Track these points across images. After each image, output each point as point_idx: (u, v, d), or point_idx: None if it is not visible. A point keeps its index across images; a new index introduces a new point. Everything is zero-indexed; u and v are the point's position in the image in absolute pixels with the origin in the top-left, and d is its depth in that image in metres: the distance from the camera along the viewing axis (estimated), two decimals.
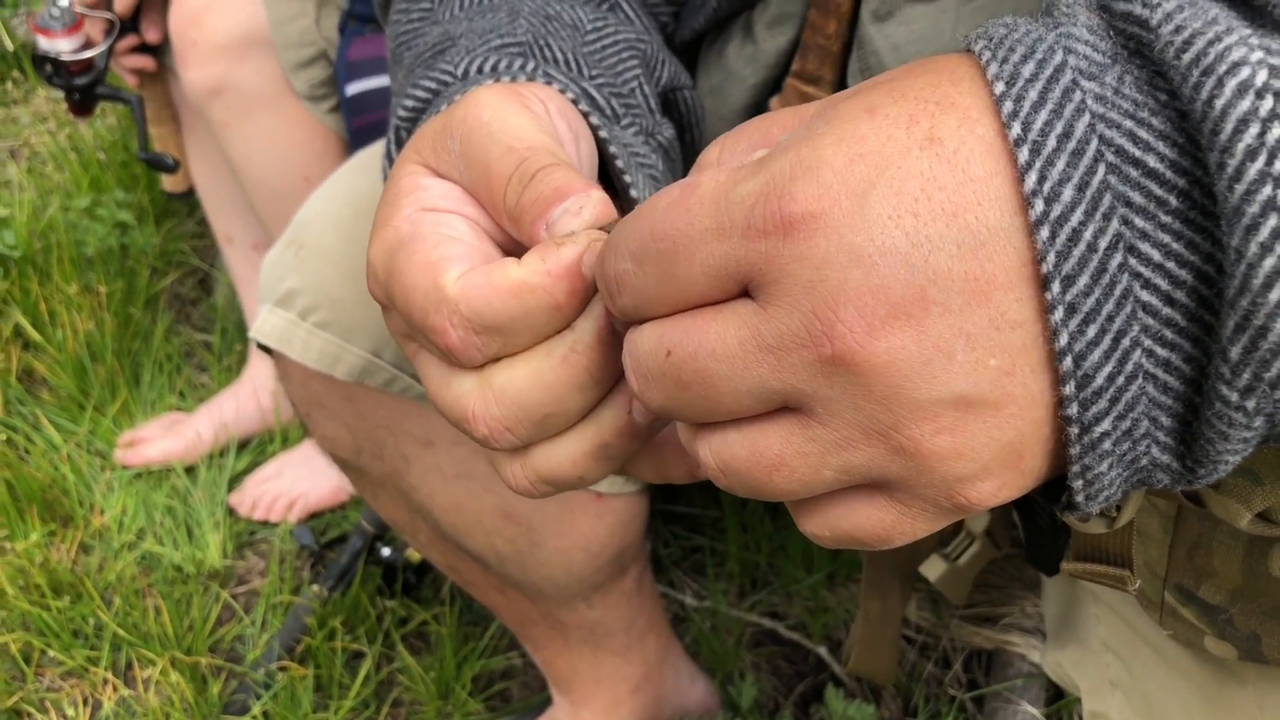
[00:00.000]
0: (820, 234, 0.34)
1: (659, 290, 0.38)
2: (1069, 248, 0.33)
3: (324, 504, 1.61)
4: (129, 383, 1.76)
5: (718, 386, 0.37)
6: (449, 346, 0.45)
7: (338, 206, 0.87)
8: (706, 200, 0.36)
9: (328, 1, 1.42)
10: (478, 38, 0.63)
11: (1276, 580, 0.58)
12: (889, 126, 0.35)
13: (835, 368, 0.35)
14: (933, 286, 0.34)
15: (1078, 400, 0.34)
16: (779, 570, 1.49)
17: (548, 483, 0.48)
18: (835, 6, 0.72)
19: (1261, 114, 0.31)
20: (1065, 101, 0.34)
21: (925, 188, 0.34)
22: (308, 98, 1.44)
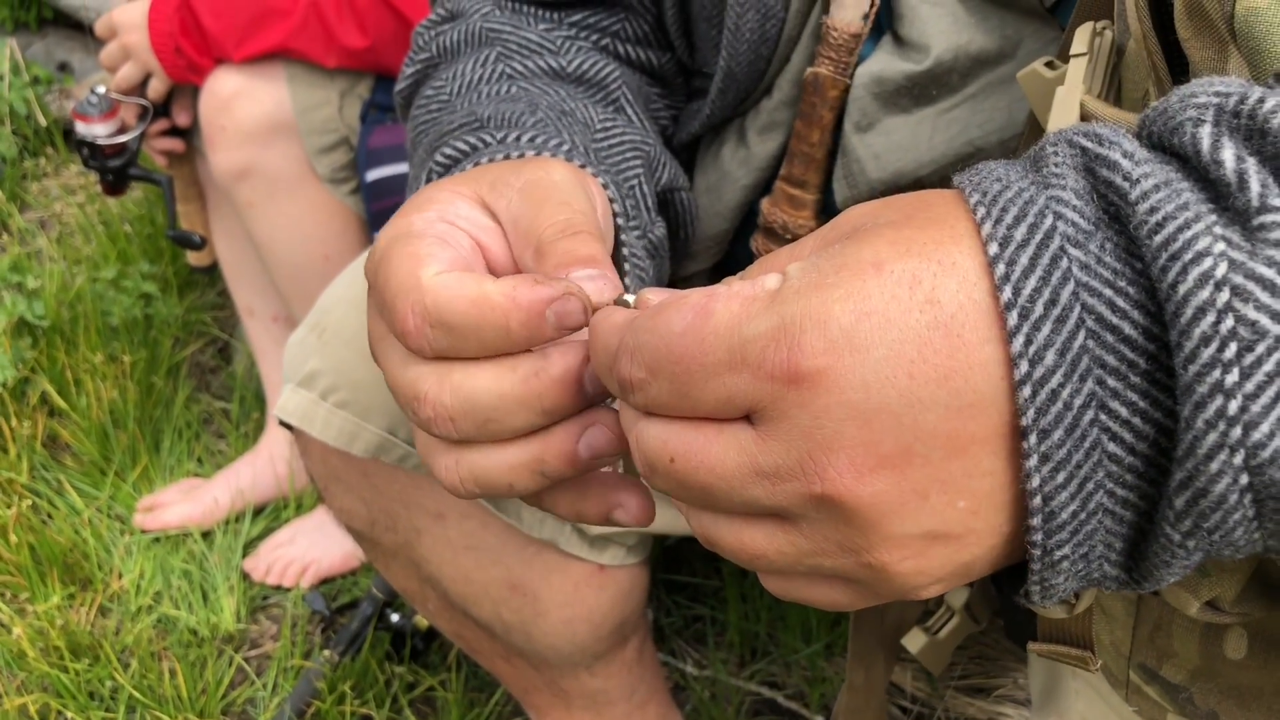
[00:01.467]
0: (823, 387, 0.38)
1: (669, 401, 0.42)
2: (1048, 405, 0.37)
3: (335, 570, 1.66)
4: (150, 449, 1.82)
5: (715, 496, 0.41)
6: (404, 330, 0.49)
7: (358, 293, 0.93)
8: (721, 332, 0.40)
9: (350, 91, 1.49)
10: (508, 119, 0.70)
11: (1231, 662, 0.62)
12: (893, 286, 0.38)
13: (821, 502, 0.39)
14: (918, 443, 0.38)
15: (1042, 531, 0.39)
16: (778, 640, 1.53)
17: (477, 483, 0.51)
18: (818, 118, 0.78)
19: (1218, 305, 0.35)
20: (1053, 268, 0.37)
21: (922, 351, 0.37)
22: (329, 180, 1.51)
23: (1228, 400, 0.35)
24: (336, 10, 1.42)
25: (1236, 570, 0.52)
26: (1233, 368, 0.35)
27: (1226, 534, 0.37)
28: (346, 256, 1.54)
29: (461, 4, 0.86)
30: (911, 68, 0.74)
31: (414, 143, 0.80)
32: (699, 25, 0.83)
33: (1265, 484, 0.35)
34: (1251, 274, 0.35)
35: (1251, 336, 0.35)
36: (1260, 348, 0.35)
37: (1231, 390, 0.35)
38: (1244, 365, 0.35)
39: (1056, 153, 0.40)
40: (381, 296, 0.52)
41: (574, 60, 0.81)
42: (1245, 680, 0.62)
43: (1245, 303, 0.35)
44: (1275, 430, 0.35)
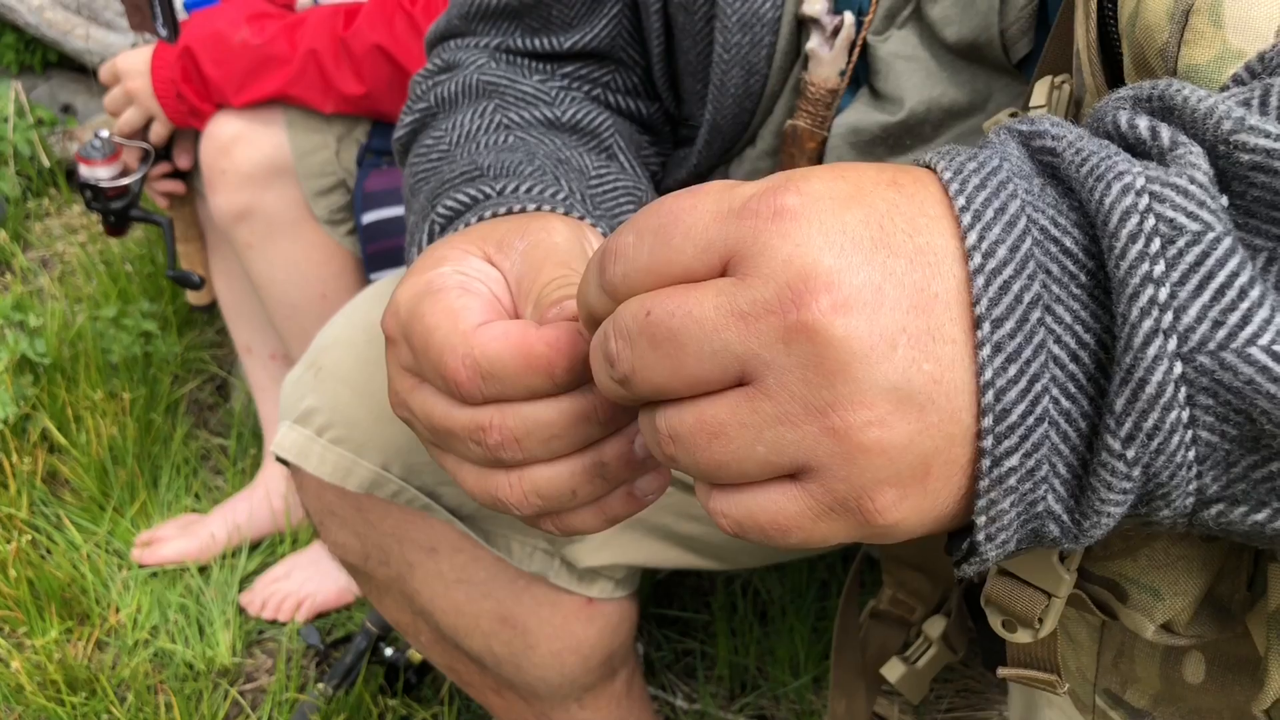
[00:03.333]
0: (803, 220, 0.40)
1: (650, 259, 0.43)
2: (1000, 296, 0.40)
3: (330, 605, 1.68)
4: (148, 485, 1.84)
5: (685, 346, 0.41)
6: (456, 382, 0.53)
7: (353, 333, 0.96)
8: (712, 191, 0.42)
9: (347, 136, 1.53)
10: (507, 169, 0.73)
11: (1191, 686, 0.64)
12: (863, 170, 0.42)
13: (796, 335, 0.39)
14: (888, 284, 0.40)
15: (994, 433, 0.40)
16: (767, 674, 1.54)
17: (540, 495, 0.54)
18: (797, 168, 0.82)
19: (1140, 208, 0.39)
20: (1001, 189, 0.41)
21: (890, 210, 0.41)
22: (326, 222, 1.54)
23: (1158, 288, 0.38)
24: (334, 58, 1.46)
25: (1188, 592, 0.54)
26: (1159, 259, 0.38)
27: (1164, 441, 0.39)
28: (343, 296, 1.57)
29: (457, 56, 0.90)
30: (886, 119, 0.78)
31: (413, 189, 0.83)
32: (685, 79, 0.87)
33: (1196, 371, 0.38)
34: (1166, 182, 0.39)
35: (1171, 231, 0.39)
36: (1180, 241, 0.38)
37: (1160, 279, 0.38)
38: (1168, 257, 0.38)
39: (997, 134, 0.44)
40: (422, 352, 0.55)
41: (568, 110, 0.85)
42: (1205, 704, 0.64)
43: (1163, 204, 0.39)
44: (1202, 315, 0.38)
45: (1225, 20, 0.45)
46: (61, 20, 2.52)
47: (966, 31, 0.74)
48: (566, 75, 0.90)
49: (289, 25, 1.47)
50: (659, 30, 0.85)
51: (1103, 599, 0.57)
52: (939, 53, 0.77)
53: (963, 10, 0.74)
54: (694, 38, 0.83)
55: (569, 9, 0.88)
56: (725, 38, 0.79)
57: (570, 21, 0.88)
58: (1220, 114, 0.39)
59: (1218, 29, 0.45)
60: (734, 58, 0.80)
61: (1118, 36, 0.51)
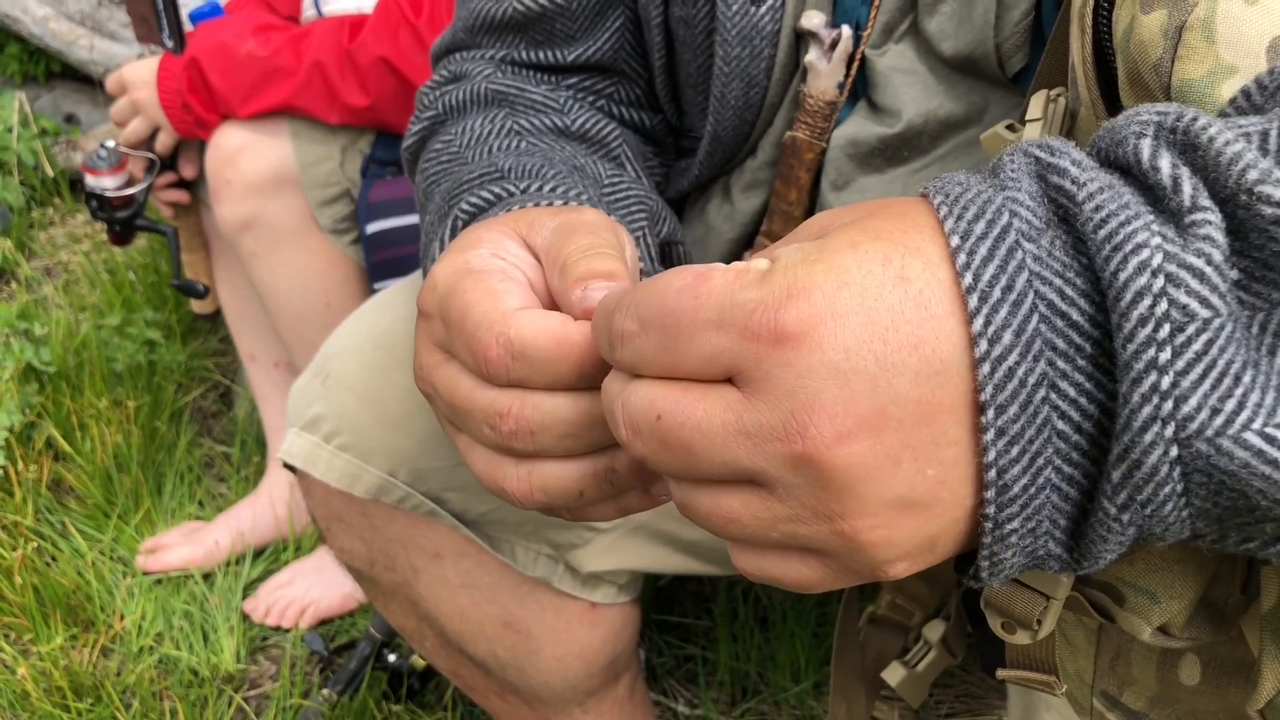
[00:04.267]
0: (806, 348, 0.40)
1: (656, 356, 0.44)
2: (1005, 382, 0.40)
3: (334, 611, 1.69)
4: (152, 492, 1.85)
5: (697, 455, 0.43)
6: (486, 359, 0.53)
7: (360, 341, 0.97)
8: (715, 294, 0.42)
9: (351, 146, 1.55)
10: (528, 171, 0.75)
11: (1186, 688, 0.65)
12: (868, 262, 0.41)
13: (802, 462, 0.41)
14: (892, 406, 0.40)
15: (995, 504, 0.42)
16: (768, 679, 1.55)
17: (546, 492, 0.54)
18: (796, 179, 0.83)
19: (1154, 290, 0.39)
20: (1009, 259, 0.41)
21: (895, 320, 0.40)
22: (331, 231, 1.56)
23: (1161, 376, 0.39)
24: (339, 70, 1.47)
25: (1184, 596, 0.56)
26: (1165, 346, 0.39)
27: (1157, 508, 0.41)
28: (347, 304, 1.58)
29: (464, 67, 0.91)
30: (884, 131, 0.79)
31: (426, 192, 0.84)
32: (686, 92, 0.88)
33: (1192, 455, 0.39)
34: (1183, 263, 0.39)
35: (1183, 319, 0.39)
36: (1190, 329, 0.39)
37: (1164, 367, 0.39)
38: (1175, 344, 0.39)
39: (1013, 161, 0.44)
40: (460, 328, 0.55)
41: (577, 119, 0.86)
42: (1200, 705, 0.66)
43: (1178, 288, 0.39)
44: (1201, 404, 0.39)
45: (1218, 36, 0.46)
46: (66, 31, 2.54)
47: (963, 46, 0.75)
48: (570, 87, 0.91)
49: (295, 37, 1.49)
50: (660, 44, 0.87)
51: (1100, 602, 0.58)
52: (936, 66, 0.78)
53: (959, 25, 0.75)
54: (694, 51, 0.85)
55: (572, 22, 0.89)
56: (725, 50, 0.81)
57: (574, 35, 0.90)
58: (1246, 163, 0.39)
59: (1210, 45, 0.47)
60: (734, 70, 0.82)
61: (1112, 52, 0.52)
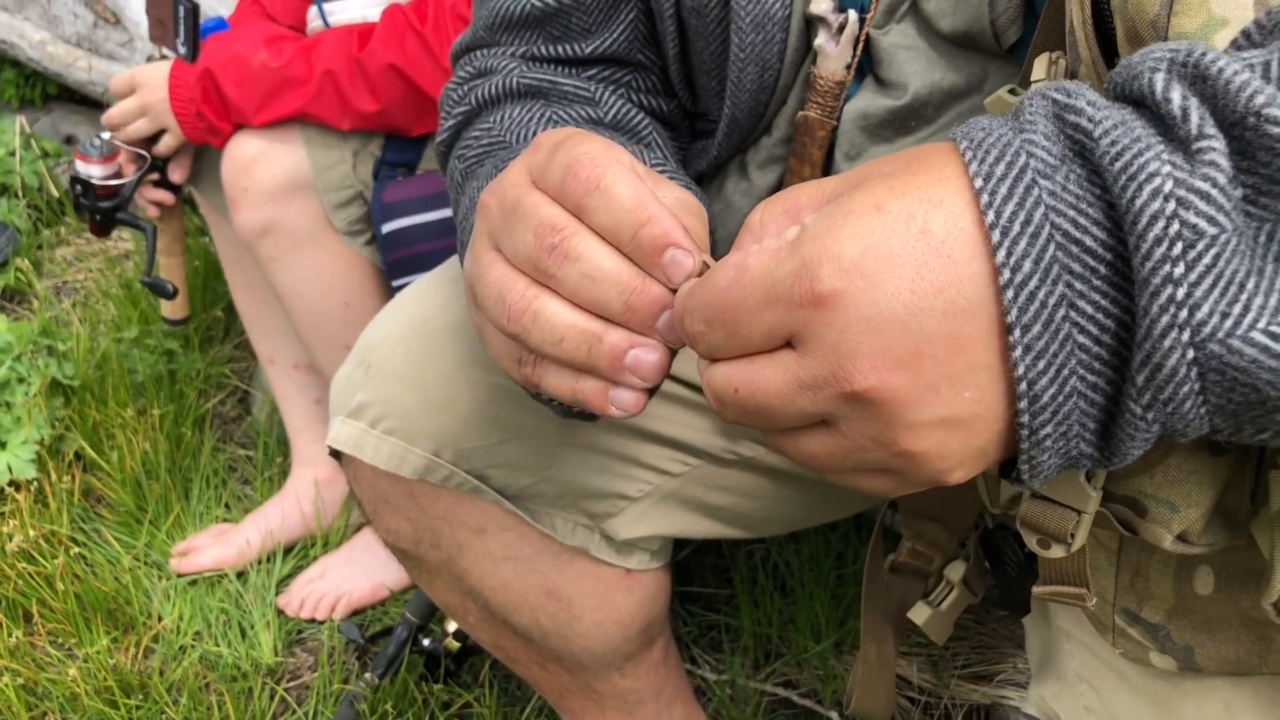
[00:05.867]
0: (841, 307, 0.47)
1: (727, 344, 0.52)
2: (1028, 305, 0.46)
3: (365, 601, 1.74)
4: (180, 497, 1.90)
5: (774, 412, 0.51)
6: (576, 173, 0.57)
7: (401, 329, 1.02)
8: (756, 280, 0.49)
9: (363, 150, 1.60)
10: None
11: (1201, 598, 0.71)
12: (892, 222, 0.47)
13: (855, 400, 0.48)
14: (925, 344, 0.47)
15: (1029, 412, 0.48)
16: (789, 642, 1.61)
17: (535, 320, 0.59)
18: (809, 156, 0.89)
19: (1166, 213, 0.44)
20: (1027, 196, 0.46)
21: (919, 270, 0.46)
22: (346, 233, 1.61)
23: (1176, 288, 0.44)
24: (350, 78, 1.52)
25: (1200, 504, 0.61)
26: (1179, 262, 0.44)
27: (1178, 406, 0.47)
28: (365, 303, 1.63)
29: (489, 63, 0.96)
30: (892, 103, 0.85)
31: (465, 173, 0.87)
32: (700, 78, 0.93)
33: (1207, 356, 0.45)
34: (1191, 187, 0.44)
35: (1193, 236, 0.44)
36: (1200, 245, 0.44)
37: (1179, 280, 0.44)
38: (1188, 259, 0.44)
39: (1031, 104, 0.50)
40: (564, 148, 0.59)
41: (610, 109, 0.91)
42: (1214, 613, 0.71)
43: (1187, 210, 0.44)
44: (1213, 310, 0.44)
45: None
46: (64, 54, 2.58)
47: (960, 23, 0.80)
48: (589, 79, 0.96)
49: (305, 48, 1.54)
50: (673, 33, 0.92)
51: (1124, 516, 0.64)
52: (936, 42, 0.83)
53: (955, 3, 0.81)
54: (707, 39, 0.90)
55: (588, 16, 0.94)
56: (740, 38, 0.86)
57: (590, 28, 0.94)
58: (1254, 89, 0.44)
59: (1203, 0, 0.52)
60: (749, 56, 0.87)
61: (1110, 13, 0.58)
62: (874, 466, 0.51)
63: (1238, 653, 0.72)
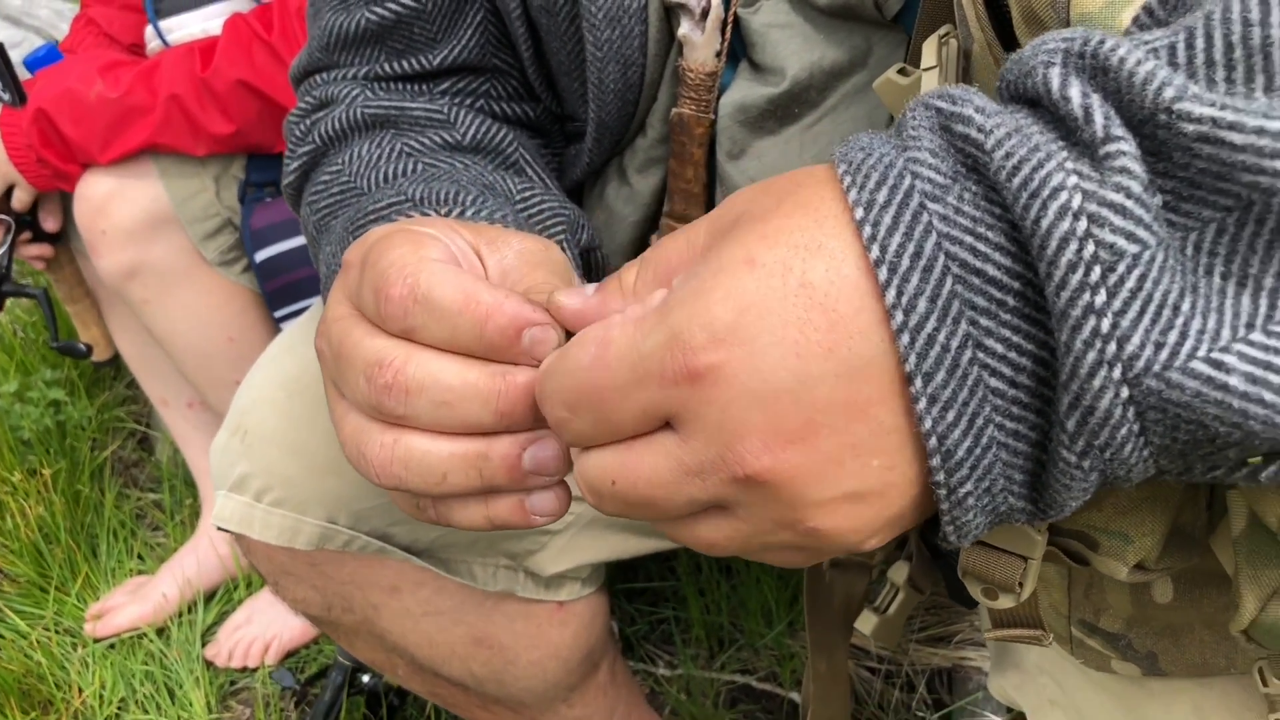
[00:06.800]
0: (722, 382, 0.41)
1: (595, 431, 0.45)
2: (926, 349, 0.40)
3: (297, 642, 1.66)
4: (87, 556, 1.80)
5: (659, 504, 0.44)
6: (387, 296, 0.50)
7: (273, 391, 0.94)
8: (622, 356, 0.43)
9: (224, 174, 1.49)
10: (442, 197, 0.71)
11: (1161, 606, 0.66)
12: (767, 277, 0.41)
13: (749, 483, 0.42)
14: (819, 414, 0.41)
15: (943, 470, 0.42)
16: (742, 627, 1.56)
17: (407, 466, 0.51)
18: (689, 156, 0.81)
19: (1078, 234, 0.38)
20: (915, 224, 0.40)
21: (803, 331, 0.40)
22: (219, 264, 1.50)
23: (1099, 319, 0.38)
24: (198, 101, 1.40)
25: (1155, 531, 0.55)
26: (1099, 289, 0.38)
27: (1117, 450, 0.40)
28: (250, 335, 1.54)
29: (330, 91, 0.87)
30: (771, 90, 0.77)
31: (319, 226, 0.81)
32: (561, 80, 0.85)
33: (1144, 394, 0.38)
34: (1104, 201, 0.38)
35: (1111, 258, 0.37)
36: (1120, 267, 0.38)
37: (1101, 310, 0.38)
38: (1109, 285, 0.38)
39: (914, 117, 0.43)
40: (372, 267, 0.52)
41: (467, 130, 0.83)
42: (1176, 619, 0.66)
43: (1101, 228, 0.37)
44: (1145, 341, 0.38)
45: None
46: None
47: None
48: (444, 92, 0.87)
49: (144, 73, 1.42)
50: (524, 34, 0.83)
51: (1074, 549, 0.58)
52: (812, 16, 0.76)
53: None
54: (561, 38, 0.81)
55: (430, 24, 0.85)
56: (595, 35, 0.78)
57: (434, 37, 0.86)
58: (1161, 80, 0.38)
59: None
60: (607, 54, 0.79)
61: None
62: (782, 546, 0.46)
63: (1203, 656, 0.68)
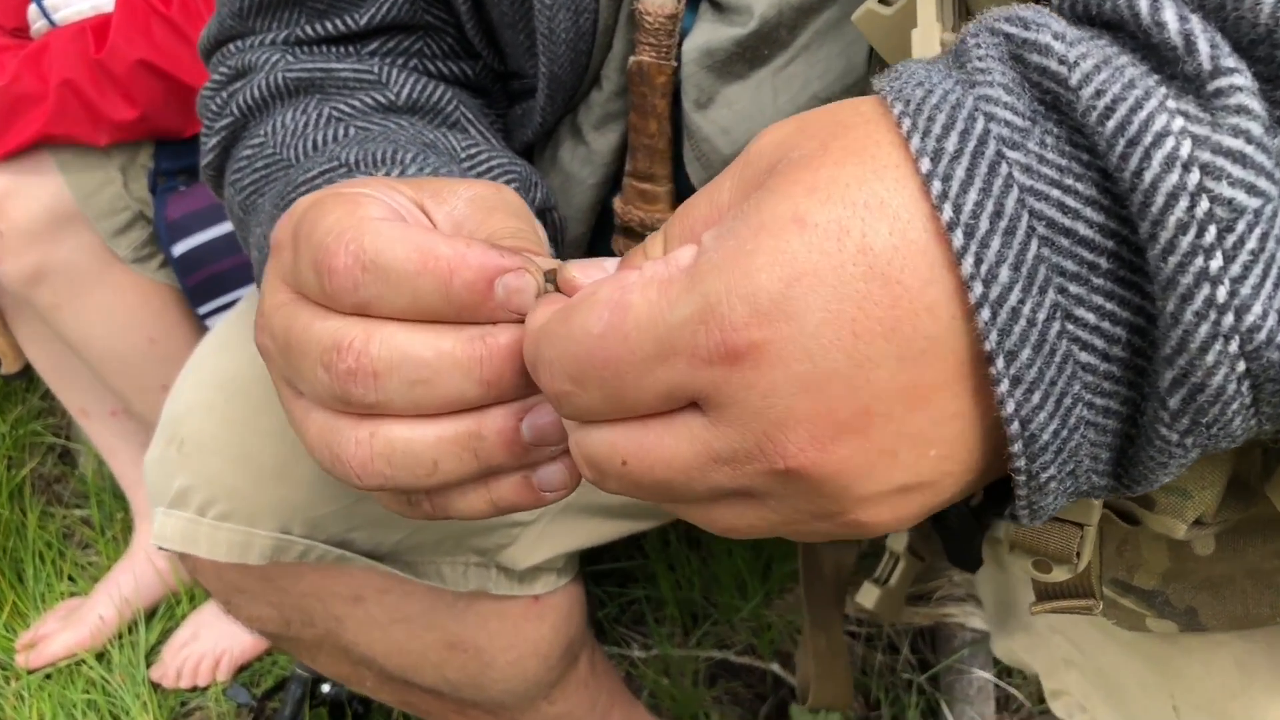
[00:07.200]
0: (765, 363, 0.35)
1: (604, 407, 0.38)
2: (1010, 325, 0.34)
3: (249, 655, 1.58)
4: (12, 583, 1.69)
5: (675, 489, 0.38)
6: (331, 269, 0.42)
7: (207, 394, 0.86)
8: (644, 325, 0.36)
9: (132, 164, 1.38)
10: (379, 158, 0.64)
11: (1201, 559, 0.61)
12: (821, 240, 0.35)
13: (787, 477, 0.36)
14: (876, 402, 0.35)
15: (1025, 456, 0.36)
16: (716, 602, 1.52)
17: (391, 461, 0.44)
18: (652, 108, 0.74)
19: (1189, 188, 0.32)
20: (993, 177, 0.34)
21: (862, 305, 0.34)
22: (133, 261, 1.40)
23: (1215, 288, 0.32)
24: (95, 85, 1.30)
25: (1216, 483, 0.51)
26: (1215, 252, 0.32)
27: (1224, 425, 0.35)
28: (172, 335, 1.44)
29: (247, 59, 0.79)
30: (739, 31, 0.71)
31: (245, 205, 0.73)
32: (504, 32, 0.78)
33: (1263, 367, 0.34)
34: (1218, 148, 0.32)
35: (1229, 215, 0.32)
36: (1240, 226, 0.32)
37: (1217, 276, 0.32)
38: (1226, 248, 0.32)
39: (979, 44, 0.36)
40: (306, 240, 0.44)
41: (402, 90, 0.75)
42: (1217, 572, 0.62)
43: (1218, 180, 0.32)
44: (1267, 310, 0.33)
45: None
46: None
47: None
48: (373, 53, 0.80)
49: (30, 57, 1.30)
50: None
51: (1127, 509, 0.54)
52: None
53: None
54: None
55: None
56: None
57: None
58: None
59: None
60: (557, 1, 0.71)
61: None
62: (812, 532, 0.40)
63: (1246, 607, 0.64)
